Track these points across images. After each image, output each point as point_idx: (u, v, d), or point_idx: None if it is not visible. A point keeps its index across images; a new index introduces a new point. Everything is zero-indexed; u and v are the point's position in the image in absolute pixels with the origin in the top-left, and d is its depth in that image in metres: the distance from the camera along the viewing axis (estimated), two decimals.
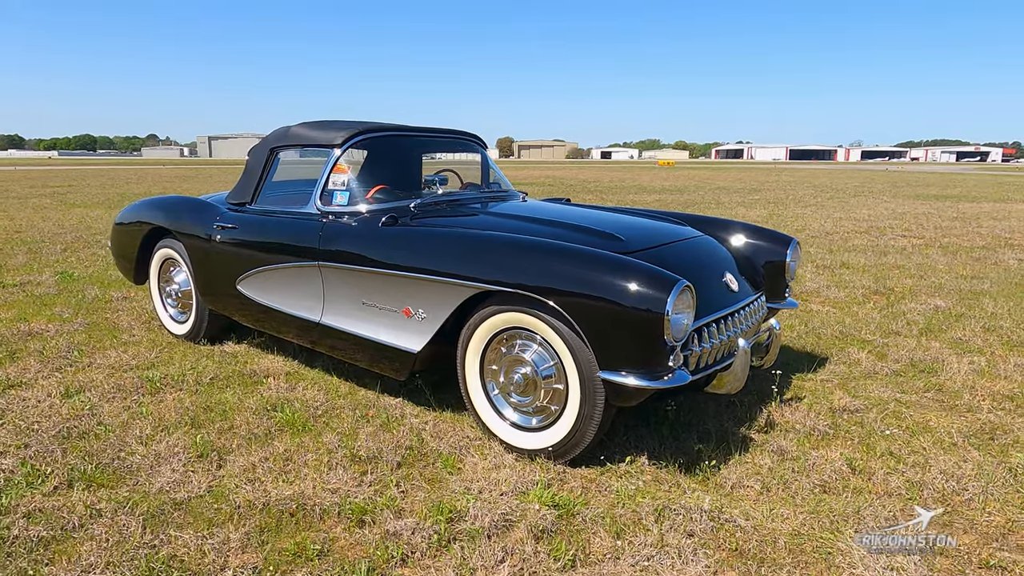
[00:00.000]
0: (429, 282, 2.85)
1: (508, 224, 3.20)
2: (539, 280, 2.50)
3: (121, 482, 2.52)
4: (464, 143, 4.24)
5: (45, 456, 2.69)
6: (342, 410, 3.19)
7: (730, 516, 2.29)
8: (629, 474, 2.61)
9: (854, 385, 3.59)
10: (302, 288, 3.39)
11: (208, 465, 2.64)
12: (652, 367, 2.38)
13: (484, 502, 2.36)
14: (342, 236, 3.20)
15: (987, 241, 9.15)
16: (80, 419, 3.04)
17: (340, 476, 2.54)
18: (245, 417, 3.08)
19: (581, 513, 2.31)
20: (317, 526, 2.26)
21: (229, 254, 3.75)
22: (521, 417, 2.77)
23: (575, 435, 2.58)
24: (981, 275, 6.62)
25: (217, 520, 2.27)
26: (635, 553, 2.09)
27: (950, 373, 3.75)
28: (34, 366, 3.75)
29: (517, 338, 2.74)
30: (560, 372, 2.61)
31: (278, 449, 2.77)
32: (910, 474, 2.61)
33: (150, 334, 4.43)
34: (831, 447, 2.84)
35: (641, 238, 2.98)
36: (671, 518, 2.27)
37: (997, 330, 4.62)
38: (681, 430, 2.97)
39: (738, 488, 2.51)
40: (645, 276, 2.37)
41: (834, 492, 2.48)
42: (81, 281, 6.09)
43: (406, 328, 2.97)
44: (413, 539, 2.15)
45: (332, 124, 3.67)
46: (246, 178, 3.93)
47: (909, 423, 3.09)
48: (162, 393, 3.38)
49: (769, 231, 3.63)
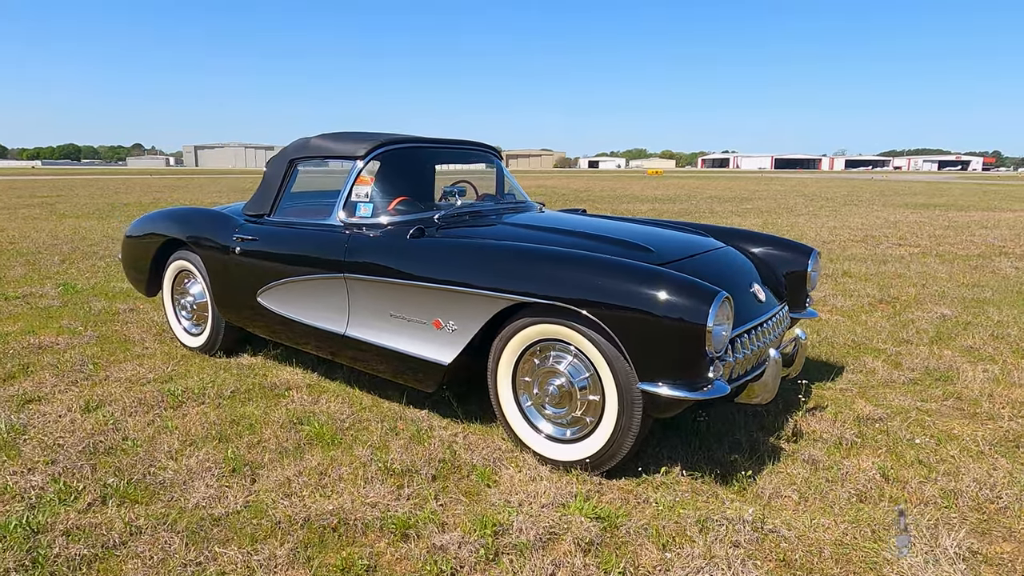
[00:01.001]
0: (460, 294, 2.84)
1: (535, 235, 3.21)
2: (577, 292, 2.50)
3: (156, 498, 2.49)
4: (480, 154, 4.26)
5: (75, 472, 2.65)
6: (369, 423, 3.18)
7: (773, 527, 2.30)
8: (665, 485, 2.62)
9: (874, 394, 3.62)
10: (326, 300, 3.37)
11: (242, 480, 2.61)
12: (692, 378, 2.39)
13: (526, 515, 2.35)
14: (369, 248, 3.19)
15: (981, 249, 9.28)
16: (105, 434, 3.00)
17: (378, 490, 2.53)
18: (273, 431, 3.05)
19: (624, 525, 2.31)
20: (360, 541, 2.24)
21: (249, 266, 3.73)
22: (556, 429, 2.77)
23: (612, 446, 2.58)
24: (981, 283, 6.71)
25: (259, 536, 2.25)
26: (684, 565, 2.09)
27: (966, 381, 3.79)
28: (50, 380, 3.70)
29: (551, 350, 2.74)
30: (596, 384, 2.61)
31: (311, 463, 2.75)
32: (943, 483, 2.64)
33: (163, 347, 4.38)
34: (862, 456, 2.86)
35: (671, 249, 3.00)
36: (715, 529, 2.28)
37: (1005, 338, 4.68)
38: (712, 440, 2.98)
39: (775, 498, 2.52)
40: (686, 288, 2.39)
41: (871, 501, 2.50)
42: (85, 293, 6.02)
43: (436, 340, 2.96)
44: (460, 553, 2.14)
45: (353, 136, 3.67)
46: (264, 189, 3.91)
47: (934, 432, 3.12)
48: (184, 407, 3.35)
49: (790, 242, 3.67)
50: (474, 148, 4.19)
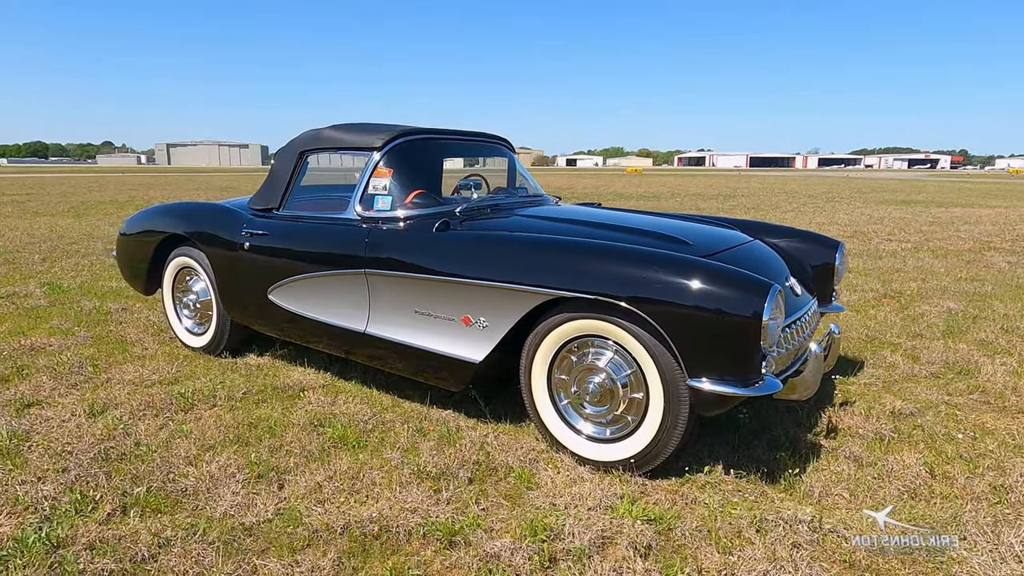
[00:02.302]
0: (492, 289, 2.73)
1: (564, 229, 3.11)
2: (624, 288, 2.40)
3: (179, 507, 2.35)
4: (493, 146, 4.14)
5: (88, 480, 2.49)
6: (393, 424, 3.06)
7: (831, 526, 2.23)
8: (711, 485, 2.54)
9: (899, 388, 3.58)
10: (345, 297, 3.24)
11: (269, 486, 2.48)
12: (745, 374, 2.31)
13: (575, 519, 2.26)
14: (392, 243, 3.07)
15: (970, 244, 9.38)
16: (115, 439, 2.85)
17: (415, 494, 2.41)
18: (294, 434, 2.91)
19: (677, 527, 2.23)
20: (405, 549, 2.12)
21: (259, 262, 3.58)
22: (595, 428, 2.67)
23: (657, 445, 2.49)
24: (979, 277, 6.76)
25: (297, 545, 2.13)
26: (750, 568, 2.01)
27: (987, 375, 3.77)
28: (47, 383, 3.51)
29: (589, 346, 2.64)
30: (639, 380, 2.52)
31: (340, 467, 2.62)
32: (990, 478, 2.59)
33: (164, 347, 4.21)
34: (903, 452, 2.80)
35: (706, 243, 2.92)
36: (772, 530, 2.20)
37: (1016, 331, 4.69)
38: (751, 437, 2.91)
39: (826, 497, 2.46)
40: (741, 282, 2.31)
41: (923, 498, 2.45)
42: (72, 292, 5.79)
43: (466, 337, 2.85)
44: (514, 560, 2.04)
45: (369, 127, 3.54)
46: (272, 183, 3.76)
47: (967, 426, 3.09)
48: (196, 410, 3.19)
49: (815, 234, 3.62)
50: (488, 140, 4.08)
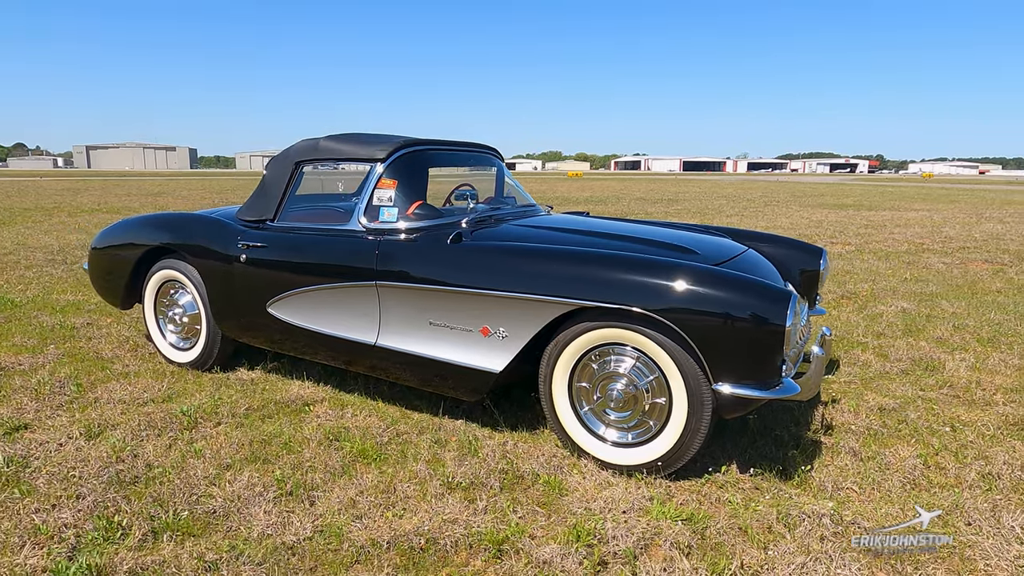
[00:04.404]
0: (512, 299, 2.78)
1: (574, 239, 3.19)
2: (650, 298, 2.49)
3: (212, 529, 2.30)
4: (484, 156, 4.19)
5: (108, 506, 2.41)
6: (408, 436, 3.06)
7: (852, 519, 2.38)
8: (730, 484, 2.66)
9: (876, 385, 3.82)
10: (353, 309, 3.22)
11: (300, 503, 2.45)
12: (767, 377, 2.44)
13: (613, 522, 2.33)
14: (405, 254, 3.07)
15: (905, 247, 9.98)
16: (124, 462, 2.75)
17: (451, 505, 2.44)
18: (312, 450, 2.88)
19: (710, 526, 2.33)
20: (455, 560, 2.15)
21: (257, 275, 3.51)
22: (619, 434, 2.75)
23: (680, 448, 2.59)
24: (922, 278, 7.22)
25: (346, 562, 2.12)
26: (788, 561, 2.12)
27: (951, 370, 4.06)
28: (30, 404, 3.35)
29: (610, 353, 2.72)
30: (661, 386, 2.61)
31: (369, 482, 2.61)
32: (977, 467, 2.81)
33: (146, 364, 4.06)
34: (896, 445, 3.00)
35: (712, 252, 3.05)
36: (800, 525, 2.33)
37: (966, 329, 5.05)
38: (757, 437, 3.06)
39: (838, 491, 2.61)
40: (765, 290, 2.44)
41: (925, 489, 2.63)
42: (26, 307, 5.50)
43: (485, 348, 2.89)
44: (567, 565, 2.09)
45: (368, 137, 3.53)
46: (264, 193, 3.70)
47: (945, 419, 3.32)
48: (200, 427, 3.11)
49: (799, 242, 3.82)
50: (480, 150, 4.12)
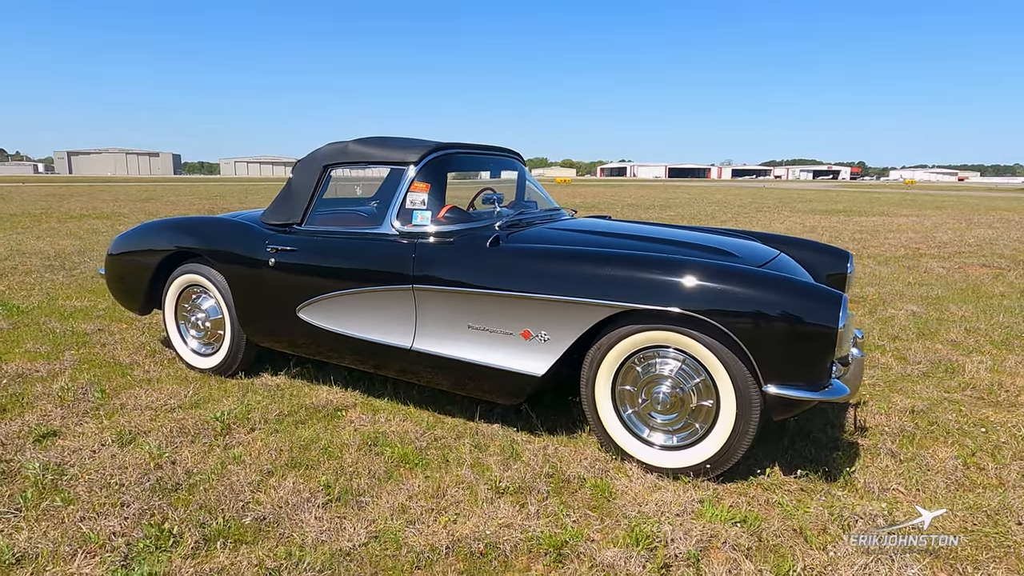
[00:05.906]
0: (555, 302, 2.77)
1: (612, 242, 3.19)
2: (702, 301, 2.49)
3: (264, 536, 2.26)
4: (508, 160, 4.19)
5: (156, 513, 2.36)
6: (446, 440, 3.04)
7: (905, 519, 2.39)
8: (775, 486, 2.66)
9: (901, 387, 3.85)
10: (389, 313, 3.19)
11: (350, 509, 2.42)
12: (817, 379, 2.45)
13: (670, 525, 2.32)
14: (444, 258, 3.06)
15: (902, 252, 10.10)
16: (162, 468, 2.70)
17: (503, 510, 2.42)
18: (353, 455, 2.85)
19: (765, 528, 2.33)
20: (516, 565, 2.13)
21: (287, 280, 3.47)
22: (664, 436, 2.75)
23: (728, 450, 2.59)
24: (925, 282, 7.31)
25: (406, 568, 2.10)
26: (850, 563, 2.13)
27: (971, 372, 4.10)
28: (55, 411, 3.29)
29: (655, 356, 2.72)
30: (709, 388, 2.62)
31: (416, 487, 2.59)
32: (1017, 467, 2.84)
33: (167, 369, 4.00)
34: (933, 447, 3.02)
35: (750, 256, 3.06)
36: (854, 526, 2.34)
37: (978, 331, 5.11)
38: (796, 439, 3.07)
39: (884, 492, 2.62)
40: (817, 293, 2.45)
41: (970, 489, 2.65)
42: (34, 313, 5.40)
43: (526, 351, 2.87)
44: (631, 568, 2.08)
45: (399, 141, 3.52)
46: (291, 197, 3.67)
47: (974, 420, 3.36)
48: (234, 434, 3.07)
49: (825, 245, 3.84)
50: (504, 154, 4.12)
